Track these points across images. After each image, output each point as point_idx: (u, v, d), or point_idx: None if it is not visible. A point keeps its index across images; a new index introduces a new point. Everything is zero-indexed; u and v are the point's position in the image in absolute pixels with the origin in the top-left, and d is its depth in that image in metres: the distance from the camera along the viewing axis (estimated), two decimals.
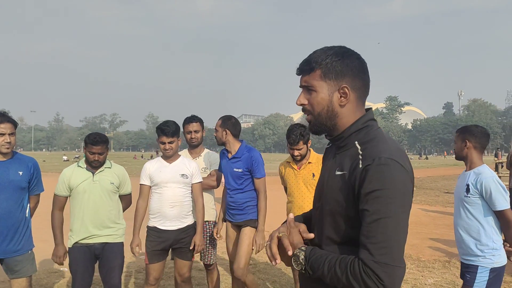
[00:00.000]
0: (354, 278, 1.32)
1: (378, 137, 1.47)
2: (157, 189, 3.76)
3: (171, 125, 3.75)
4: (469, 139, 3.16)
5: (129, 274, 5.58)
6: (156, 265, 3.78)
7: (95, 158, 3.63)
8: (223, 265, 6.07)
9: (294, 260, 1.48)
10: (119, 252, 3.75)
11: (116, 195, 3.79)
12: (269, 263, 6.15)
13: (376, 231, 1.31)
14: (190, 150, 4.36)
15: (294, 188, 3.94)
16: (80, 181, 3.65)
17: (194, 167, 3.86)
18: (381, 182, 1.33)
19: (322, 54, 1.50)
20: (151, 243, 3.76)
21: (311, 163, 3.94)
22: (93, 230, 3.64)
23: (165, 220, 3.74)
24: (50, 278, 5.48)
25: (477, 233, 3.03)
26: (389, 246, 1.30)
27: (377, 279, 1.29)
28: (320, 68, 1.49)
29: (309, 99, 1.53)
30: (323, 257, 1.41)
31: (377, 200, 1.32)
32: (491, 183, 2.97)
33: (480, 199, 3.03)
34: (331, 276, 1.37)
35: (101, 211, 3.66)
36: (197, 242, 3.79)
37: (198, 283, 5.25)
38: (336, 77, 1.48)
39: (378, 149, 1.41)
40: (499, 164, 16.04)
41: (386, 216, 1.31)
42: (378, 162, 1.35)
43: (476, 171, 3.10)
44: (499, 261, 3.00)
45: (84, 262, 3.63)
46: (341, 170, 1.47)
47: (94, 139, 3.63)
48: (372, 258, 1.30)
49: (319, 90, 1.50)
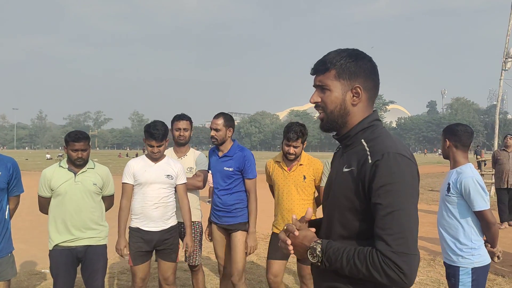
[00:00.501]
0: (374, 268, 1.38)
1: (383, 134, 1.56)
2: (141, 188, 3.68)
3: (160, 128, 3.63)
4: (449, 138, 3.15)
5: (112, 275, 5.49)
6: (141, 267, 3.72)
7: (78, 156, 3.54)
8: (208, 265, 6.02)
9: (310, 253, 1.52)
10: (102, 254, 3.67)
11: (99, 196, 3.70)
12: (255, 263, 6.13)
13: (391, 223, 1.39)
14: (176, 148, 4.29)
15: (283, 190, 3.82)
16: (61, 182, 3.55)
17: (179, 168, 3.79)
18: (391, 176, 1.41)
19: (336, 56, 1.58)
20: (134, 244, 3.69)
21: (302, 165, 3.82)
22: (75, 232, 3.55)
23: (148, 221, 3.67)
24: (31, 281, 5.36)
25: (456, 233, 3.02)
26: (405, 236, 1.38)
27: (397, 268, 1.36)
28: (334, 68, 1.57)
29: (323, 98, 1.61)
30: (341, 249, 1.46)
31: (389, 194, 1.40)
32: (470, 183, 2.95)
33: (460, 199, 3.00)
34: (350, 267, 1.43)
35: (83, 213, 3.58)
36: (189, 243, 3.75)
37: (183, 284, 5.20)
38: (350, 77, 1.57)
39: (384, 145, 1.49)
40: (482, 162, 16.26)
41: (399, 209, 1.39)
42: (387, 157, 1.43)
43: (458, 170, 3.08)
44: (479, 261, 2.98)
45: (65, 265, 3.54)
46: (348, 166, 1.55)
47: (76, 136, 3.56)
48: (390, 249, 1.37)
49: (333, 89, 1.58)
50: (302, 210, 3.77)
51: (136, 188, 3.70)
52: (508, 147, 8.88)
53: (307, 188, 3.82)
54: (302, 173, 3.81)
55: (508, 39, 14.20)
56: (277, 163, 3.94)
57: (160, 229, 3.69)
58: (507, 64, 14.22)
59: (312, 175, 3.84)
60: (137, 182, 3.68)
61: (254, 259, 6.34)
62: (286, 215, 3.78)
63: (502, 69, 14.41)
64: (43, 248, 3.93)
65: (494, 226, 3.01)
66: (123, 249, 3.63)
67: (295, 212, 3.75)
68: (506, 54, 14.18)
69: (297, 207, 3.77)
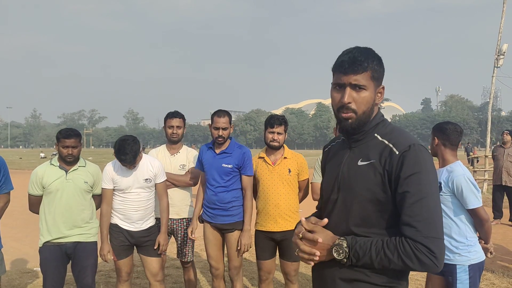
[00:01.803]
0: (406, 256, 1.43)
1: (396, 128, 1.65)
2: (121, 193, 3.69)
3: (129, 151, 3.47)
4: (437, 136, 3.16)
5: (104, 273, 5.48)
6: (125, 261, 3.74)
7: (69, 152, 3.54)
8: (200, 262, 6.03)
9: (335, 251, 1.54)
10: (92, 251, 3.67)
11: (89, 194, 3.71)
12: (248, 260, 6.14)
13: (420, 209, 1.45)
14: (168, 145, 4.29)
15: (268, 185, 3.77)
16: (53, 180, 3.55)
17: (158, 167, 3.77)
18: (419, 166, 1.49)
19: (369, 57, 1.61)
20: (116, 240, 3.70)
21: (287, 158, 3.81)
22: (64, 230, 3.55)
23: (128, 221, 3.70)
24: (23, 279, 5.34)
25: (450, 231, 3.00)
26: (434, 221, 1.45)
27: (430, 253, 1.42)
28: (371, 69, 1.60)
29: (356, 97, 1.61)
30: (367, 243, 1.50)
31: (417, 182, 1.47)
32: (462, 181, 2.95)
33: (452, 197, 3.00)
34: (380, 259, 1.47)
35: (73, 211, 3.58)
36: (161, 241, 3.75)
37: (175, 281, 5.21)
38: (379, 79, 1.65)
39: (406, 137, 1.58)
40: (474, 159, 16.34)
41: (427, 196, 1.47)
42: (414, 148, 1.52)
43: (448, 168, 3.07)
44: (475, 257, 2.99)
45: (55, 262, 3.54)
46: (366, 159, 1.61)
47: (66, 132, 3.57)
48: (421, 234, 1.43)
49: (369, 89, 1.62)
50: (289, 204, 3.76)
51: (116, 191, 3.70)
52: (505, 143, 8.88)
53: (293, 182, 3.81)
54: (287, 166, 3.79)
55: (500, 36, 14.27)
56: (260, 159, 3.89)
57: (139, 229, 3.72)
58: (499, 61, 14.28)
59: (296, 168, 3.83)
60: (116, 187, 3.68)
61: (247, 256, 6.35)
62: (272, 210, 3.73)
63: (494, 66, 14.48)
64: (35, 246, 3.93)
65: (487, 222, 3.02)
66: (106, 254, 3.65)
67: (282, 206, 3.73)
68: (498, 51, 14.24)
69: (284, 201, 3.75)
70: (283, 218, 3.74)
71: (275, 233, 3.75)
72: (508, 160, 8.69)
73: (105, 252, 3.64)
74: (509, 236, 7.80)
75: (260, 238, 3.84)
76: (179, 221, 4.15)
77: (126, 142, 3.51)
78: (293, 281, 3.84)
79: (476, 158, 17.25)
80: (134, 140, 3.56)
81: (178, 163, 4.19)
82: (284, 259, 3.82)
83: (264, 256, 3.82)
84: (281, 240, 3.77)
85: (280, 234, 3.75)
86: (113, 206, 3.73)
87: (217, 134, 3.78)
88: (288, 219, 3.75)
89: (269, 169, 3.81)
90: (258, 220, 3.86)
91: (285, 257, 3.81)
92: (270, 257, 3.83)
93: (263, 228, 3.80)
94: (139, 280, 5.18)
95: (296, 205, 3.85)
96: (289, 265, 3.80)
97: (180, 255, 4.20)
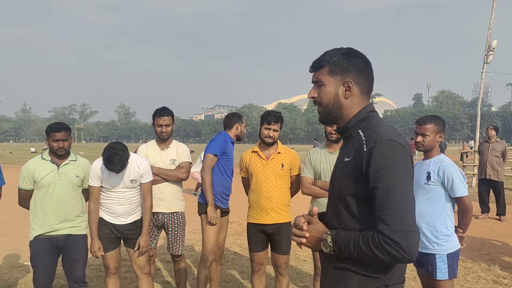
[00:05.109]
0: (376, 248, 1.49)
1: (377, 123, 1.69)
2: (106, 191, 3.71)
3: (117, 162, 3.44)
4: (442, 132, 3.30)
5: (94, 267, 5.50)
6: (112, 253, 3.77)
7: (59, 146, 3.55)
8: (191, 256, 6.07)
9: (323, 244, 1.63)
10: (83, 244, 3.69)
11: (80, 189, 3.73)
12: (239, 254, 6.19)
13: (388, 203, 1.50)
14: (158, 140, 4.31)
15: (261, 179, 3.85)
16: (45, 174, 3.57)
17: (144, 167, 3.75)
18: (385, 161, 1.53)
19: (330, 53, 1.72)
20: (102, 233, 3.72)
21: (280, 153, 3.89)
22: (56, 224, 3.57)
23: (114, 215, 3.73)
24: (13, 273, 5.34)
25: (433, 220, 3.13)
26: (401, 214, 1.49)
27: (396, 245, 1.46)
28: (328, 65, 1.71)
29: (318, 93, 1.75)
30: (347, 237, 1.58)
31: (384, 177, 1.52)
32: (453, 170, 3.10)
33: (439, 187, 3.13)
34: (358, 251, 1.54)
35: (65, 205, 3.60)
36: (141, 243, 3.73)
37: (166, 275, 5.24)
38: (342, 73, 1.70)
39: (378, 132, 1.61)
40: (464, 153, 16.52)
41: (394, 189, 1.51)
42: (380, 143, 1.56)
43: (436, 159, 3.23)
44: (452, 247, 3.13)
45: (45, 255, 3.56)
46: (348, 156, 1.68)
47: (56, 126, 3.59)
48: (388, 228, 1.48)
49: (327, 84, 1.72)
50: (281, 197, 3.83)
51: (102, 189, 3.72)
52: (490, 138, 9.06)
53: (285, 176, 3.88)
54: (280, 161, 3.87)
55: (490, 32, 14.38)
56: (254, 153, 3.97)
57: (123, 223, 3.74)
58: (489, 57, 14.40)
59: (289, 163, 3.90)
60: (103, 185, 3.70)
61: (238, 250, 6.41)
62: (265, 203, 3.80)
63: (484, 62, 14.60)
64: (25, 241, 3.93)
65: (471, 212, 3.20)
66: (97, 250, 3.66)
67: (274, 200, 3.80)
68: (488, 47, 14.36)
69: (276, 194, 3.82)
70: (275, 211, 3.80)
71: (267, 225, 3.82)
72: (492, 154, 8.87)
73: (95, 249, 3.65)
74: (496, 230, 7.93)
75: (252, 231, 3.90)
76: (170, 215, 4.17)
77: (115, 152, 3.44)
78: (283, 273, 3.89)
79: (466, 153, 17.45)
80: (123, 150, 3.49)
81: (169, 158, 4.21)
82: (275, 252, 3.88)
83: (257, 248, 3.89)
84: (272, 233, 3.85)
85: (272, 227, 3.81)
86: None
87: (244, 132, 4.37)
88: (280, 212, 3.82)
89: (263, 163, 3.88)
90: (250, 213, 3.93)
91: (276, 250, 3.87)
92: (262, 249, 3.91)
93: (255, 221, 3.86)
94: (129, 274, 5.20)
95: (288, 199, 3.92)
96: (279, 258, 3.85)
97: (171, 249, 4.23)
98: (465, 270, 5.36)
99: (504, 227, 8.21)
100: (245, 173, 4.05)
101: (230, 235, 6.95)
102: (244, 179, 4.10)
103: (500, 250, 6.46)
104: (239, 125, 4.30)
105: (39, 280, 3.54)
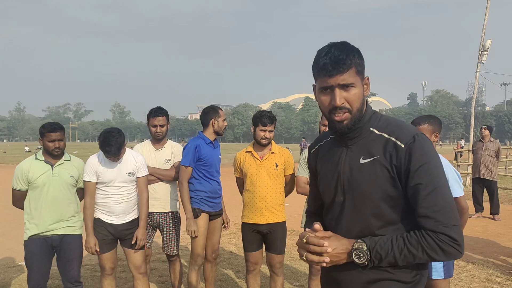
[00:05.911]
0: (430, 249, 1.43)
1: (391, 119, 1.62)
2: (103, 187, 3.69)
3: (114, 143, 3.48)
4: (439, 131, 3.30)
5: (89, 267, 5.49)
6: (108, 254, 3.76)
7: (55, 146, 3.55)
8: (186, 256, 6.06)
9: (356, 254, 1.49)
10: (78, 244, 3.68)
11: (75, 188, 3.72)
12: (234, 253, 6.19)
13: (436, 199, 1.44)
14: (153, 140, 4.31)
15: (255, 179, 3.85)
16: (39, 174, 3.56)
17: (141, 161, 3.79)
18: (426, 156, 1.48)
19: (350, 52, 1.54)
20: (99, 234, 3.71)
21: (274, 153, 3.89)
22: (51, 224, 3.56)
23: (111, 215, 3.71)
24: (8, 273, 5.32)
25: None
26: (451, 209, 1.45)
27: (453, 241, 1.42)
28: (354, 65, 1.54)
29: (348, 97, 1.55)
30: (387, 242, 1.48)
31: (428, 172, 1.46)
32: (448, 171, 3.07)
33: None
34: (404, 256, 1.45)
35: (60, 205, 3.59)
36: (139, 236, 3.74)
37: (161, 275, 5.23)
38: (363, 71, 1.59)
39: (407, 128, 1.55)
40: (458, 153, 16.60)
41: (440, 184, 1.46)
42: (418, 139, 1.50)
43: None
44: None
45: (40, 255, 3.55)
46: (369, 156, 1.56)
47: (51, 126, 3.57)
48: (442, 224, 1.42)
49: (357, 85, 1.56)
50: (275, 197, 3.84)
51: (98, 185, 3.70)
52: (483, 138, 9.12)
53: (279, 176, 3.89)
54: (274, 161, 3.87)
55: (484, 32, 14.47)
56: (248, 153, 3.97)
57: (121, 222, 3.73)
58: (483, 57, 14.50)
59: (283, 163, 3.91)
60: (99, 180, 3.68)
61: (233, 249, 6.42)
62: (259, 203, 3.81)
63: (478, 62, 14.68)
64: (19, 241, 3.92)
65: (466, 212, 3.19)
66: (93, 246, 3.65)
67: (268, 199, 3.81)
68: (482, 47, 14.44)
69: (270, 194, 3.83)
70: (269, 211, 3.81)
71: (262, 225, 3.82)
72: (486, 154, 8.93)
73: (91, 245, 3.64)
74: (490, 229, 7.98)
75: (247, 231, 3.91)
76: (165, 214, 4.17)
77: (111, 134, 3.51)
78: (278, 273, 3.90)
79: (460, 152, 17.54)
80: (119, 133, 3.57)
81: (163, 158, 4.20)
82: (270, 251, 3.89)
83: (252, 248, 3.90)
84: (267, 233, 3.85)
85: (266, 227, 3.82)
86: (95, 201, 3.73)
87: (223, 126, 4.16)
88: (274, 212, 3.83)
89: (257, 163, 3.88)
90: (245, 213, 3.93)
91: (271, 249, 3.88)
92: (257, 249, 3.91)
93: (249, 221, 3.87)
94: (125, 274, 5.20)
95: (282, 198, 3.93)
96: (274, 257, 3.86)
97: (166, 248, 4.23)
98: (459, 269, 5.39)
99: (497, 226, 8.26)
100: (239, 173, 4.05)
101: (225, 235, 6.95)
102: (238, 179, 4.10)
103: (494, 249, 6.51)
104: (215, 120, 4.05)
105: (33, 280, 3.53)
